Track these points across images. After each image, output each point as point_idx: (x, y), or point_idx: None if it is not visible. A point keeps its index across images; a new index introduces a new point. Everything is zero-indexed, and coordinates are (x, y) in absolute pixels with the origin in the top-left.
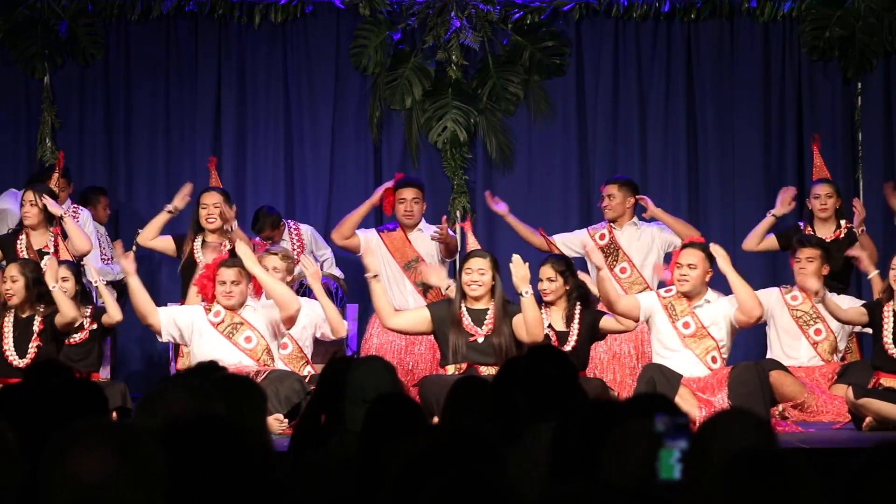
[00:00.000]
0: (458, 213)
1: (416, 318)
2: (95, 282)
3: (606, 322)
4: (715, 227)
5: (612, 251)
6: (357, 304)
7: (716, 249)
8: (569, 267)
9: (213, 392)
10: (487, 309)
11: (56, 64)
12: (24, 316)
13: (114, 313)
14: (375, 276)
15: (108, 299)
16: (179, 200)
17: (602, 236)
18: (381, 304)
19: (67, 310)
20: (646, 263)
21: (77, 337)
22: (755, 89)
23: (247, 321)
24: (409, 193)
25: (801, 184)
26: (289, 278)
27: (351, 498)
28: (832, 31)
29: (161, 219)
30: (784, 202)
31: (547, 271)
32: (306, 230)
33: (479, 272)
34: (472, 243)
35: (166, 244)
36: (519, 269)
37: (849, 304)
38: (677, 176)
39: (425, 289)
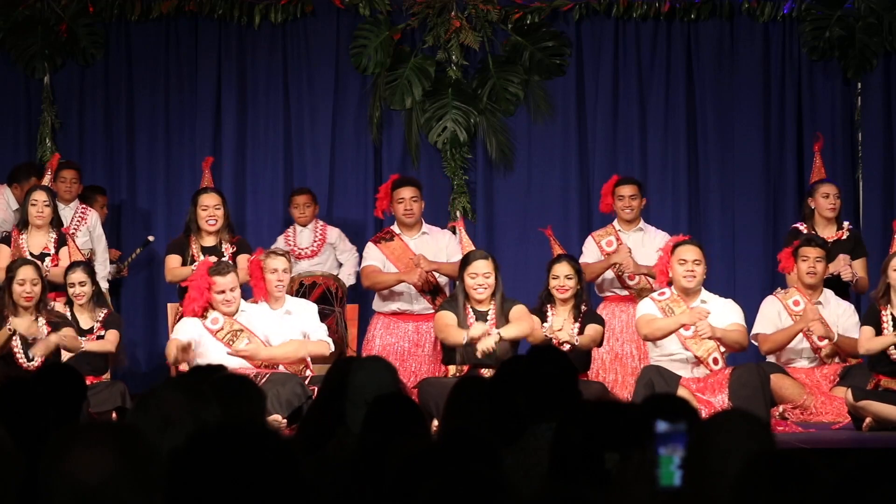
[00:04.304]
0: (457, 214)
1: (451, 321)
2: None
3: (591, 329)
4: (715, 227)
5: None
6: (357, 305)
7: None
8: (579, 267)
9: (209, 392)
10: (489, 310)
11: (56, 64)
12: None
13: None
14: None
15: (97, 347)
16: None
17: (609, 243)
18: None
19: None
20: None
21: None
22: (755, 89)
23: (246, 328)
24: (407, 192)
25: (801, 184)
26: (287, 278)
27: (351, 498)
28: (832, 31)
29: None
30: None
31: (565, 269)
32: (333, 232)
33: (483, 276)
34: (467, 243)
35: (179, 263)
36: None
37: (847, 318)
38: (677, 176)
39: (433, 295)
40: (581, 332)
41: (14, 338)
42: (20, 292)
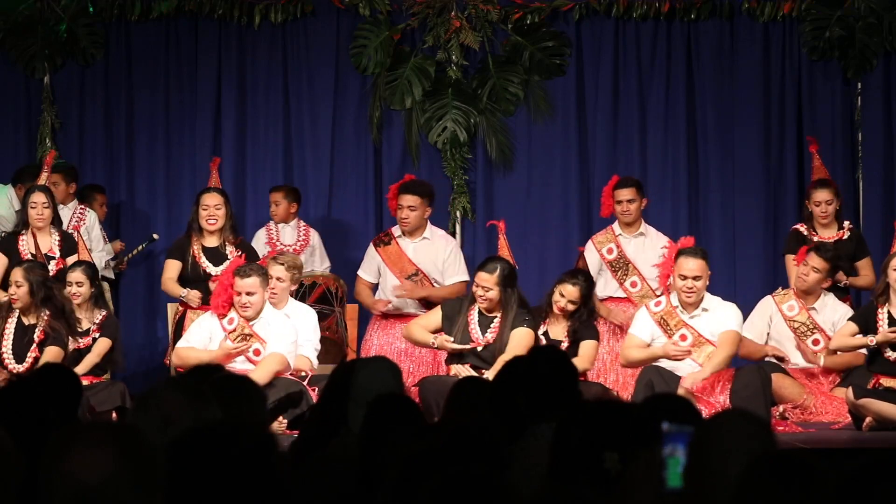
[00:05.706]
0: (457, 213)
1: (432, 320)
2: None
3: (586, 349)
4: (715, 227)
5: (621, 265)
6: (357, 305)
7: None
8: (590, 288)
9: (209, 392)
10: (495, 318)
11: (56, 64)
12: (27, 322)
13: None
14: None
15: (86, 365)
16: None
17: (610, 251)
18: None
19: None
20: (652, 274)
21: (83, 342)
22: (755, 89)
23: (257, 334)
24: (405, 200)
25: (801, 184)
26: (281, 286)
27: (351, 498)
28: (832, 31)
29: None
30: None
31: (573, 293)
32: (315, 235)
33: (483, 288)
34: (501, 245)
35: (178, 270)
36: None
37: (840, 319)
38: (677, 176)
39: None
40: (571, 343)
41: (4, 341)
42: (8, 294)
